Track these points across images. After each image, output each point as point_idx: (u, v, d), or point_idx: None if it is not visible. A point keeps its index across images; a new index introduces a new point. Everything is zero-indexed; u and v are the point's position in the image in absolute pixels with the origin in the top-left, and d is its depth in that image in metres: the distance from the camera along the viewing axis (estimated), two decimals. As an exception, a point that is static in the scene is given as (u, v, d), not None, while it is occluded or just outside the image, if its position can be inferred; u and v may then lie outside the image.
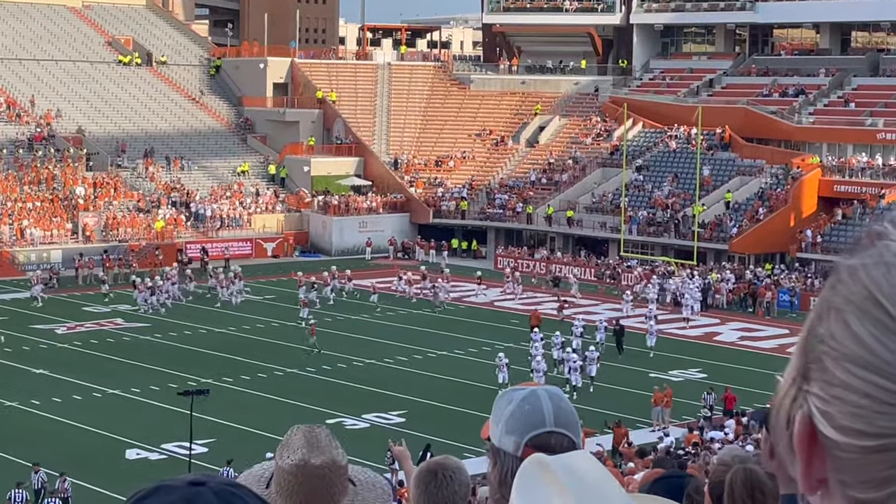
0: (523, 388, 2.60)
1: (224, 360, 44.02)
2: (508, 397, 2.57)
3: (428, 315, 53.88)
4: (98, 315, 53.05)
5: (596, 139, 77.81)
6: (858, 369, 1.04)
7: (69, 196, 68.76)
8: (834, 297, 1.09)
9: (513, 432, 2.49)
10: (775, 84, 76.72)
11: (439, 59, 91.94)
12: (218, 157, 78.95)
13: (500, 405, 2.56)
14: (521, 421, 2.49)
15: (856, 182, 65.35)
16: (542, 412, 2.51)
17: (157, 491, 1.45)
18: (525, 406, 2.51)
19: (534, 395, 2.54)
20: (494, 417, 2.56)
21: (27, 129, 74.79)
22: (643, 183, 71.48)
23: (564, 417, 2.53)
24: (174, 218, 69.61)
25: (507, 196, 74.57)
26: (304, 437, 2.85)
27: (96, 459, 32.02)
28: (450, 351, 46.36)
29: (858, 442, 1.04)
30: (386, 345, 47.02)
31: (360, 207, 74.44)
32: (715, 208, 67.01)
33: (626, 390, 40.02)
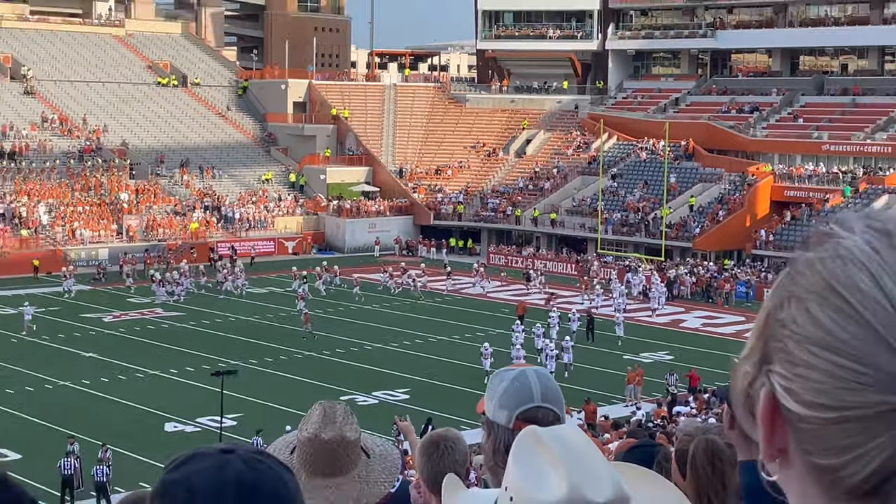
0: (514, 369, 2.61)
1: (250, 345, 44.05)
2: (501, 376, 2.58)
3: (429, 305, 53.86)
4: (140, 305, 53.02)
5: (576, 151, 77.77)
6: (820, 350, 1.05)
7: (114, 201, 68.71)
8: (794, 287, 1.09)
9: (505, 407, 2.50)
10: (733, 102, 76.69)
11: (439, 81, 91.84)
12: (245, 167, 78.89)
13: (494, 383, 2.57)
14: (513, 397, 2.50)
15: (803, 188, 65.30)
16: (531, 389, 2.51)
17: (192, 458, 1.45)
18: (516, 384, 2.52)
19: (523, 374, 2.56)
20: (489, 394, 2.57)
21: (78, 143, 74.70)
22: (617, 189, 71.45)
23: (550, 394, 2.54)
24: (206, 220, 69.54)
25: (498, 201, 74.55)
26: (321, 413, 2.86)
27: (138, 432, 32.02)
28: (449, 336, 46.35)
29: (821, 414, 1.04)
30: (392, 331, 47.03)
31: (370, 211, 74.39)
32: (680, 211, 66.99)
33: (604, 371, 40.04)
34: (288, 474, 1.48)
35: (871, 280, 1.04)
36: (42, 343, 44.00)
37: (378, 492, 2.85)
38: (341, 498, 2.81)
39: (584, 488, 1.61)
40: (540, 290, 55.95)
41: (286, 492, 1.44)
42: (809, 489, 1.08)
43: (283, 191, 76.58)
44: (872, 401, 1.01)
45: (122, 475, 26.98)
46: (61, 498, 26.88)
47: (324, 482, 2.81)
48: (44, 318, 48.86)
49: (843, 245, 1.07)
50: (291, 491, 1.45)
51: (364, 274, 58.40)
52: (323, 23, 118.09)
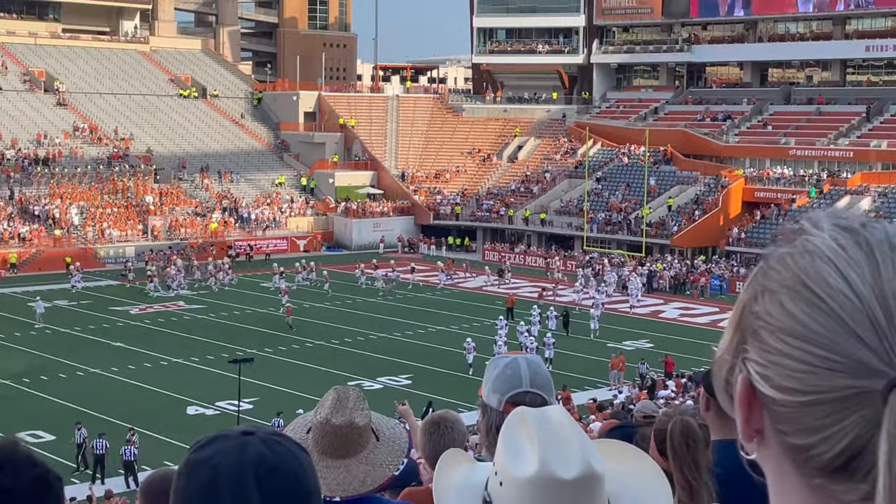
0: (508, 356, 2.61)
1: (265, 335, 44.06)
2: (495, 363, 2.59)
3: (429, 297, 53.83)
4: (164, 299, 52.97)
5: (564, 156, 77.71)
6: (793, 339, 1.05)
7: (140, 203, 68.64)
8: (767, 282, 1.09)
9: (497, 391, 2.52)
10: (707, 111, 76.64)
11: (437, 92, 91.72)
12: (260, 172, 78.81)
13: (489, 369, 2.58)
14: (504, 382, 2.52)
15: (772, 189, 65.27)
16: (521, 375, 2.52)
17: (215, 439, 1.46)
18: (507, 370, 2.53)
19: (515, 361, 2.57)
20: (485, 379, 2.59)
21: (107, 150, 74.59)
22: (601, 191, 71.42)
23: (539, 380, 2.54)
24: (225, 220, 69.48)
25: (492, 202, 74.48)
26: (335, 399, 2.85)
27: (162, 415, 32.02)
28: (447, 326, 46.35)
29: (794, 398, 1.05)
30: (396, 321, 47.02)
31: (375, 211, 74.34)
32: (659, 211, 66.97)
33: (589, 357, 40.04)
34: (303, 454, 1.48)
35: (838, 274, 1.05)
36: (74, 334, 43.95)
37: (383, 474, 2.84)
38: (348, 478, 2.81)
39: (554, 465, 1.60)
40: (499, 284, 55.60)
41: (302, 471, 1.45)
42: (785, 467, 1.08)
43: (294, 193, 76.52)
44: (841, 385, 1.02)
45: (148, 455, 26.98)
46: (92, 476, 26.91)
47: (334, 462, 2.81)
48: (75, 311, 48.84)
49: (812, 242, 1.08)
50: (307, 470, 1.46)
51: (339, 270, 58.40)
52: (331, 39, 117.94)
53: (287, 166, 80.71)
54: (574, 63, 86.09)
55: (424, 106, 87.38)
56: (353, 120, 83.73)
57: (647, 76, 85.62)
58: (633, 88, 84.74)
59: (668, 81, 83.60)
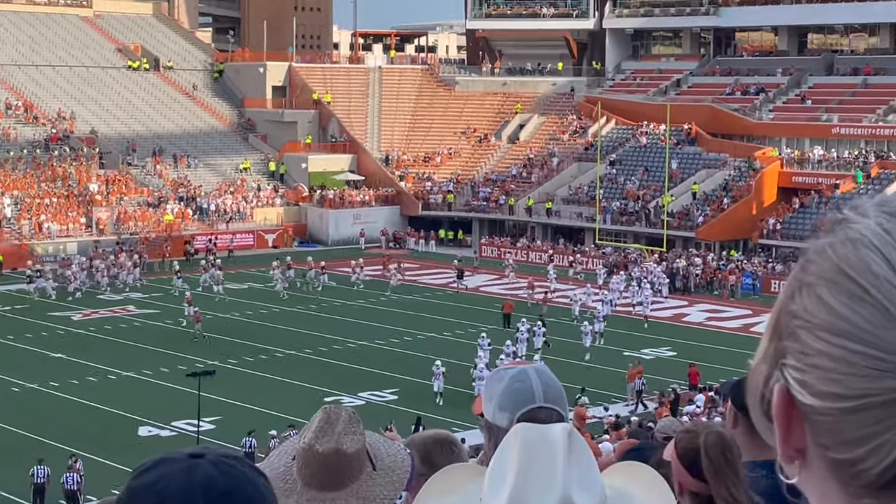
0: (513, 367, 2.61)
1: (229, 343, 44.00)
2: (500, 376, 2.58)
3: (417, 300, 53.83)
4: (111, 303, 52.90)
5: (572, 136, 77.78)
6: (833, 337, 1.05)
7: (83, 192, 68.50)
8: (805, 276, 1.09)
9: (505, 408, 2.51)
10: (737, 83, 76.75)
11: (426, 63, 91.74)
12: (221, 155, 78.73)
13: (492, 383, 2.57)
14: (513, 397, 2.52)
15: (812, 174, 65.42)
16: (532, 389, 2.52)
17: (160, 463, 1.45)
18: (515, 384, 2.53)
19: (523, 373, 2.56)
20: (487, 395, 2.57)
21: (44, 131, 74.46)
22: (616, 176, 71.49)
23: (552, 393, 2.54)
24: (181, 212, 69.42)
25: (490, 189, 74.53)
26: (322, 421, 2.81)
27: (111, 437, 31.95)
28: (438, 333, 46.36)
29: (836, 404, 1.04)
30: (377, 327, 47.01)
31: (354, 201, 74.34)
32: (682, 199, 67.06)
33: (603, 368, 40.07)
34: (261, 479, 1.47)
35: (883, 261, 1.05)
36: (7, 343, 43.85)
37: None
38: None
39: (527, 496, 1.60)
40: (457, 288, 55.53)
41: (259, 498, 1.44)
42: (829, 488, 1.07)
43: (261, 180, 76.46)
44: (889, 387, 1.01)
45: (94, 483, 26.92)
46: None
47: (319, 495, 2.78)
48: (9, 316, 48.72)
49: (855, 229, 1.08)
50: (265, 497, 1.45)
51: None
52: (303, 2, 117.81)
53: (253, 149, 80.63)
54: (584, 28, 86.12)
55: (411, 79, 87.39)
56: (328, 95, 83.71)
57: (668, 43, 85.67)
58: (652, 58, 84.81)
59: (693, 49, 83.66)
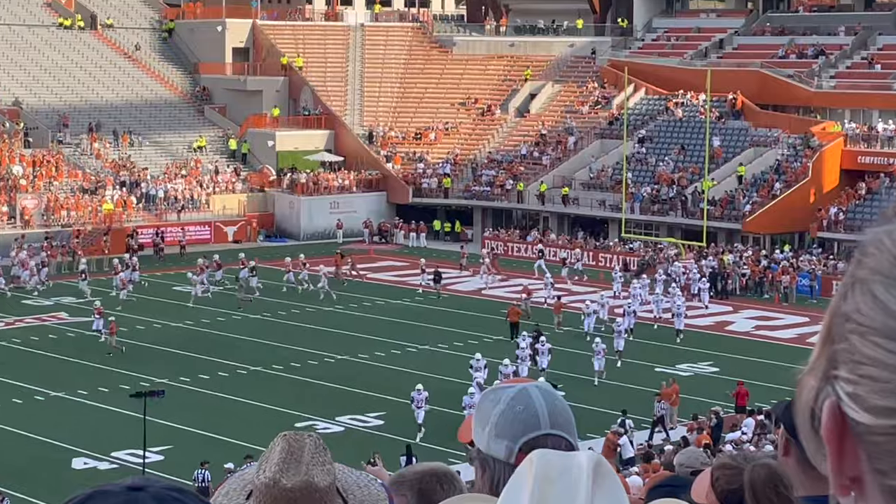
0: (512, 386, 2.58)
1: (181, 358, 43.94)
2: (495, 396, 2.55)
3: (409, 305, 53.84)
4: (39, 309, 52.84)
5: (593, 107, 77.82)
6: (888, 341, 1.05)
7: (5, 176, 68.43)
8: (859, 271, 1.10)
9: (503, 436, 2.49)
10: (792, 44, 76.76)
11: (418, 20, 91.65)
12: (171, 132, 78.67)
13: (486, 406, 2.54)
14: (513, 423, 2.49)
15: (882, 153, 65.41)
16: (536, 413, 2.50)
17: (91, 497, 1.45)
18: (516, 406, 2.50)
19: (524, 393, 2.53)
20: (479, 419, 2.54)
21: (-43, 102, 74.49)
22: (646, 156, 71.51)
23: (560, 417, 2.52)
24: (124, 200, 69.38)
25: (495, 172, 74.54)
26: (284, 451, 2.81)
27: (39, 470, 31.91)
28: (433, 345, 46.35)
29: (892, 421, 1.04)
30: (361, 339, 47.01)
31: (332, 186, 74.36)
32: (726, 183, 67.09)
33: (629, 387, 40.08)
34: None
35: None
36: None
37: None
38: None
39: None
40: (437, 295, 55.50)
41: None
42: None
43: (220, 161, 76.41)
44: None
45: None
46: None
47: None
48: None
49: None
50: None
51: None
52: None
53: (209, 124, 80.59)
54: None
55: (400, 39, 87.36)
56: (300, 59, 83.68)
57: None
58: (690, 14, 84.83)
59: (738, 3, 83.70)
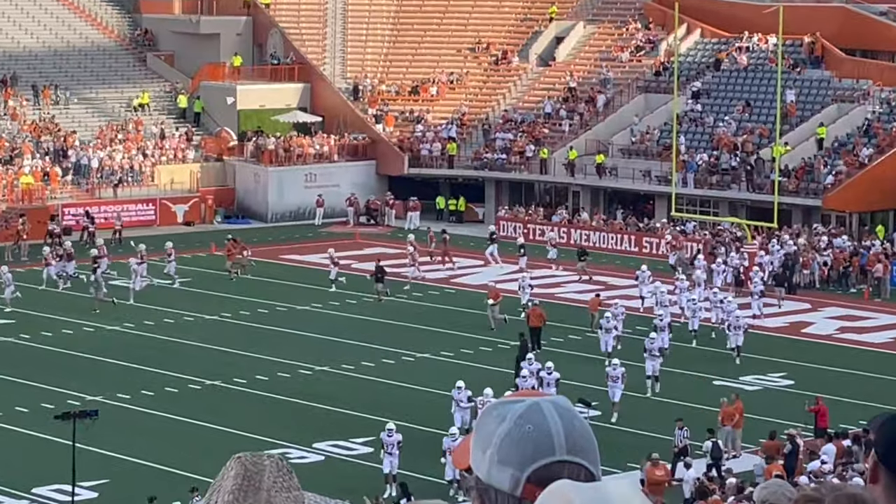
0: (520, 401, 2.56)
1: (119, 370, 44.03)
2: (500, 413, 2.54)
3: (405, 305, 53.90)
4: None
5: (635, 53, 77.78)
6: None
7: None
8: None
9: (508, 462, 2.48)
10: (886, -26, 76.85)
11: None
12: (106, 86, 78.62)
13: (488, 424, 2.54)
14: (521, 447, 2.48)
15: None
16: (550, 434, 2.49)
17: None
18: (525, 426, 2.49)
19: (536, 409, 2.51)
20: (479, 440, 2.54)
21: None
22: (702, 115, 71.52)
23: (579, 440, 2.50)
24: (46, 171, 69.43)
25: (512, 135, 74.53)
26: (239, 477, 2.85)
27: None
28: (434, 353, 46.37)
29: None
30: (346, 345, 47.09)
31: (307, 154, 74.30)
32: (802, 149, 67.11)
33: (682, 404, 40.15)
34: None
35: None
36: None
37: None
38: None
39: None
40: None
41: None
42: None
43: (167, 123, 76.42)
44: None
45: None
46: None
47: None
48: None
49: None
50: None
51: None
52: None
53: (153, 76, 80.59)
54: None
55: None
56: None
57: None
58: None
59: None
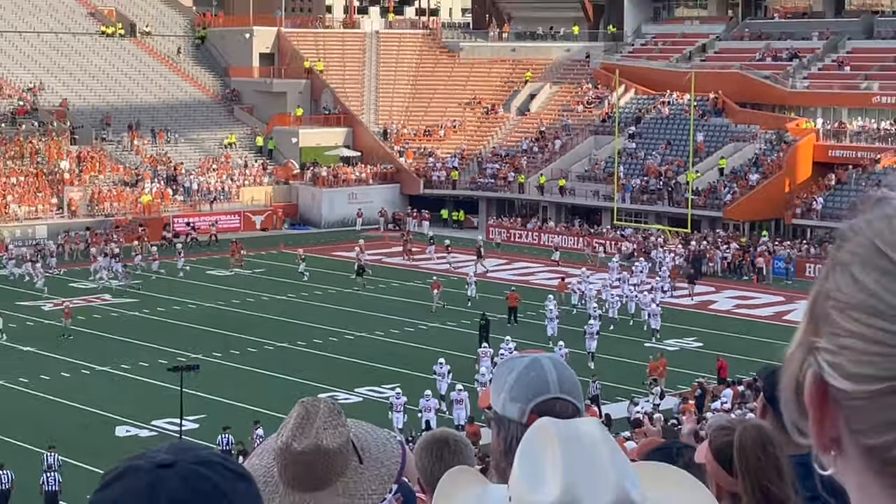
0: (525, 356, 2.63)
1: (214, 335, 44.00)
2: (510, 365, 2.61)
3: (419, 287, 53.82)
4: (85, 291, 52.92)
5: (587, 106, 77.69)
6: (864, 316, 1.08)
7: (54, 170, 68.50)
8: (839, 254, 1.13)
9: (517, 399, 2.54)
10: (769, 48, 76.55)
11: (428, 27, 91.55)
12: (204, 129, 78.71)
13: (502, 374, 2.60)
14: (526, 388, 2.54)
15: (851, 146, 65.27)
16: (547, 379, 2.55)
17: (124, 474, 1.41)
18: (529, 373, 2.56)
19: (537, 362, 2.58)
20: (496, 386, 2.60)
21: (10, 104, 74.38)
22: (636, 151, 71.40)
23: (568, 384, 2.58)
24: (161, 192, 69.42)
25: (498, 165, 74.49)
26: (299, 416, 2.80)
27: (85, 437, 32.00)
28: (442, 323, 46.37)
29: (869, 387, 1.08)
30: (378, 318, 47.03)
31: (350, 179, 74.33)
32: (709, 175, 67.00)
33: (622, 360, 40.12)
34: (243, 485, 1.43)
35: None
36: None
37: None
38: None
39: (581, 492, 1.62)
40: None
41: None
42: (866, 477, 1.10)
43: (248, 156, 76.44)
44: None
45: (68, 487, 27.00)
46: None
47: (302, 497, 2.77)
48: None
49: (892, 204, 1.12)
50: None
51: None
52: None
53: (238, 122, 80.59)
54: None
55: (412, 45, 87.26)
56: (321, 63, 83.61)
57: (693, 4, 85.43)
58: (675, 20, 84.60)
59: (720, 11, 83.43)
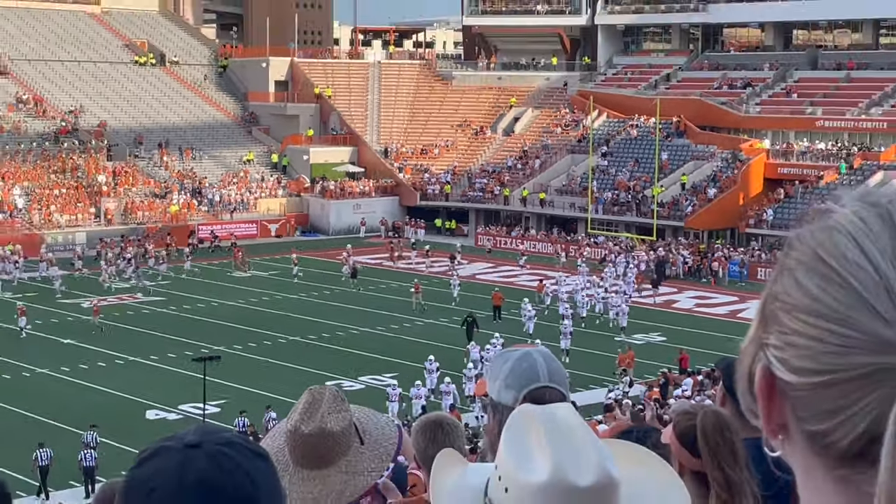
0: (518, 349, 2.66)
1: (233, 330, 44.00)
2: (504, 357, 2.64)
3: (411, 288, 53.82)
4: (119, 290, 52.84)
5: (565, 129, 77.70)
6: (808, 317, 1.09)
7: (92, 183, 68.41)
8: (786, 260, 1.14)
9: (511, 387, 2.56)
10: (725, 77, 76.68)
11: (424, 58, 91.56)
12: (226, 148, 78.61)
13: (497, 364, 2.62)
14: (519, 377, 2.56)
15: (797, 164, 65.41)
16: (537, 369, 2.57)
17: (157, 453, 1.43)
18: (522, 364, 2.58)
19: (528, 354, 2.62)
20: (492, 376, 2.62)
21: (54, 124, 74.30)
22: (608, 167, 71.43)
23: (556, 374, 2.61)
24: (187, 202, 69.35)
25: (486, 180, 74.46)
26: (307, 402, 2.82)
27: (119, 419, 31.94)
28: (436, 319, 46.37)
29: (810, 380, 1.09)
30: (378, 314, 47.02)
31: (355, 191, 74.27)
32: (672, 189, 67.05)
33: (594, 353, 40.12)
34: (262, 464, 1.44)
35: (856, 247, 1.09)
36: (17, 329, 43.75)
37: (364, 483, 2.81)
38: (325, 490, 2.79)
39: (568, 470, 1.62)
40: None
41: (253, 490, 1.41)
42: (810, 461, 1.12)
43: (265, 171, 76.37)
44: (857, 363, 1.06)
45: (103, 463, 26.96)
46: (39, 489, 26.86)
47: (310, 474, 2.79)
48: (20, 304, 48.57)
49: (833, 217, 1.13)
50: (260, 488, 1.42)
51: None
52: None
53: (256, 141, 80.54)
54: (576, 25, 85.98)
55: (409, 73, 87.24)
56: (329, 89, 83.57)
57: (658, 39, 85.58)
58: (643, 53, 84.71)
59: (682, 45, 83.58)
